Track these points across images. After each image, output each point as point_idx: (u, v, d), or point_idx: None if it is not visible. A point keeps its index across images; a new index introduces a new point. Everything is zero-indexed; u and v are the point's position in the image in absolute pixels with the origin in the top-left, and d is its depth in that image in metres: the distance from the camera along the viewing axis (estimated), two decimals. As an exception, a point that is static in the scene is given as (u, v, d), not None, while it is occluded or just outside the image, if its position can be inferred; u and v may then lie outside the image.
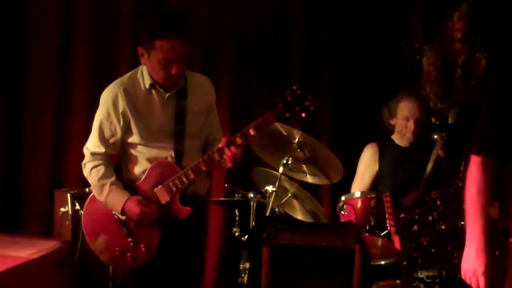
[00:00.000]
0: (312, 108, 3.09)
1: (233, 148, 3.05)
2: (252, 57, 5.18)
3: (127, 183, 3.19)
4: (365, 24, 5.36)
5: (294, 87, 3.08)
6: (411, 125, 4.21)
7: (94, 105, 3.27)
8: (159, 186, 3.13)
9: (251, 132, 3.07)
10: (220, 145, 3.10)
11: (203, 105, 3.27)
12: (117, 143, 3.18)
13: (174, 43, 3.00)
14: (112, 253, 3.18)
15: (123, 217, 3.14)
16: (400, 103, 4.26)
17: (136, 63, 3.29)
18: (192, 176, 3.10)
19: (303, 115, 3.07)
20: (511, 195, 2.56)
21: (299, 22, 5.30)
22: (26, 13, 4.73)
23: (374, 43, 5.35)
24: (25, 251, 3.39)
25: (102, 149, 3.17)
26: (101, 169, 3.16)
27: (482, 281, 2.46)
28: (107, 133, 3.16)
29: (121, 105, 3.12)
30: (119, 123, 3.14)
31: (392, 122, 4.34)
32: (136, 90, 3.16)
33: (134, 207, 3.08)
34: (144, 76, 3.17)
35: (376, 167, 4.32)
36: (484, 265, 2.46)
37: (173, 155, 3.17)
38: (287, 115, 3.08)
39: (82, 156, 3.26)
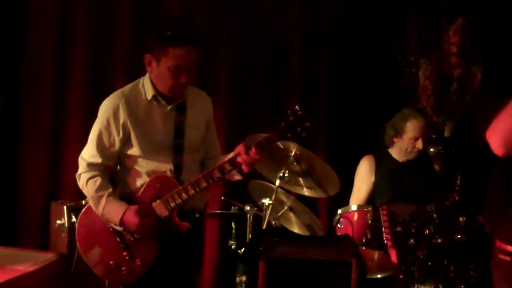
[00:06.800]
0: (311, 129, 3.12)
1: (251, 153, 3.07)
2: (248, 71, 5.19)
3: (124, 195, 3.14)
4: (361, 37, 5.40)
5: (295, 108, 3.10)
6: (420, 144, 4.22)
7: (91, 118, 3.23)
8: (158, 201, 3.09)
9: (253, 151, 3.08)
10: (227, 159, 3.10)
11: (201, 120, 3.26)
12: (114, 154, 3.15)
13: (187, 50, 2.99)
14: (107, 266, 3.13)
15: (120, 229, 3.09)
16: (408, 122, 4.24)
17: (133, 68, 3.25)
18: (191, 191, 3.08)
19: (304, 135, 3.10)
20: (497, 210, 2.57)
21: (297, 34, 5.33)
22: (24, 15, 4.71)
23: (371, 56, 5.38)
24: (21, 264, 3.38)
25: (99, 160, 3.12)
26: (98, 180, 3.12)
27: None
28: (105, 144, 3.12)
29: (122, 116, 3.09)
30: (118, 134, 3.10)
31: (395, 139, 4.32)
32: (138, 102, 3.13)
33: (132, 218, 3.04)
34: (145, 87, 3.14)
35: (372, 179, 4.32)
36: None
37: (172, 169, 3.14)
38: (289, 135, 3.10)
39: (78, 168, 3.23)
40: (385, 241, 3.67)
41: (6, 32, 4.67)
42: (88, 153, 3.15)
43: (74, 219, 4.12)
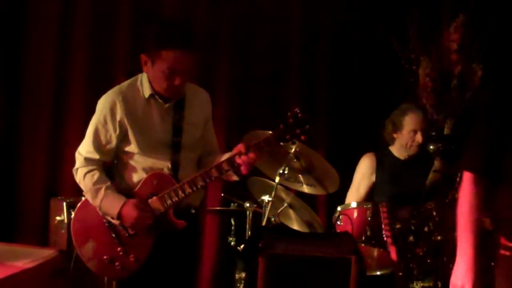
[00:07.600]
0: (311, 132, 3.11)
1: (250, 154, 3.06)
2: (249, 70, 5.19)
3: (120, 191, 3.14)
4: (362, 34, 5.39)
5: (296, 110, 3.09)
6: (419, 137, 4.23)
7: (90, 115, 3.22)
8: (154, 198, 3.10)
9: (251, 152, 3.07)
10: (221, 159, 3.10)
11: (200, 117, 3.26)
12: (111, 151, 3.15)
13: (181, 54, 2.96)
14: (100, 261, 3.13)
15: (116, 222, 3.09)
16: (406, 116, 4.26)
17: (132, 69, 3.25)
18: (188, 190, 3.08)
19: (303, 138, 3.09)
20: (503, 207, 2.57)
21: (297, 32, 5.33)
22: (24, 15, 4.70)
23: (371, 53, 5.38)
24: (20, 260, 3.37)
25: (96, 156, 3.12)
26: (96, 173, 3.11)
27: None
28: (102, 140, 3.12)
29: (119, 113, 3.08)
30: (115, 131, 3.10)
31: (395, 135, 4.33)
32: (135, 99, 3.12)
33: (131, 211, 3.04)
34: (143, 85, 3.13)
35: (373, 177, 4.32)
36: (472, 282, 2.52)
37: (169, 166, 3.14)
38: (287, 136, 3.09)
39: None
40: (385, 238, 3.67)
41: (6, 32, 4.67)
42: (85, 149, 3.15)
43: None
